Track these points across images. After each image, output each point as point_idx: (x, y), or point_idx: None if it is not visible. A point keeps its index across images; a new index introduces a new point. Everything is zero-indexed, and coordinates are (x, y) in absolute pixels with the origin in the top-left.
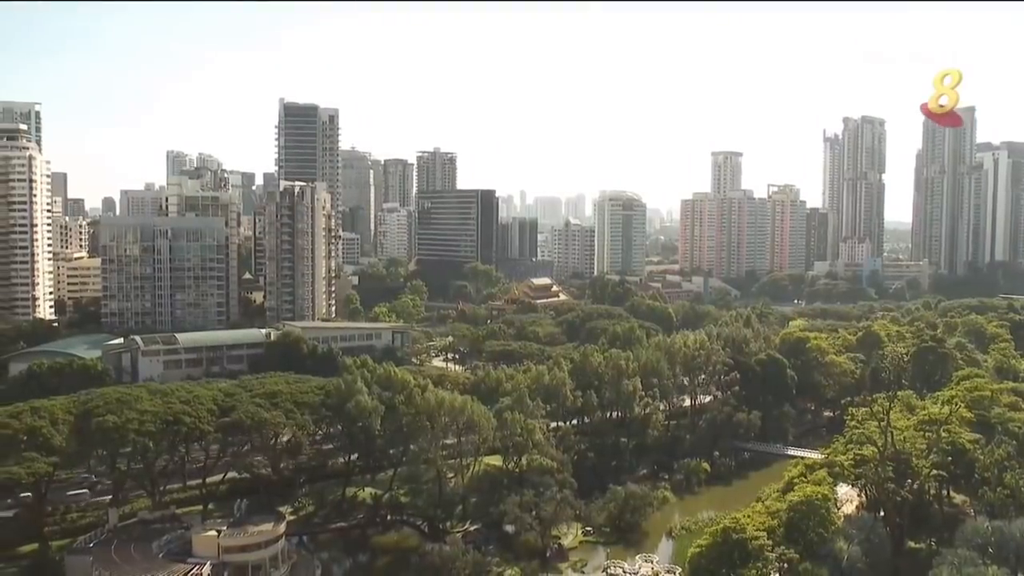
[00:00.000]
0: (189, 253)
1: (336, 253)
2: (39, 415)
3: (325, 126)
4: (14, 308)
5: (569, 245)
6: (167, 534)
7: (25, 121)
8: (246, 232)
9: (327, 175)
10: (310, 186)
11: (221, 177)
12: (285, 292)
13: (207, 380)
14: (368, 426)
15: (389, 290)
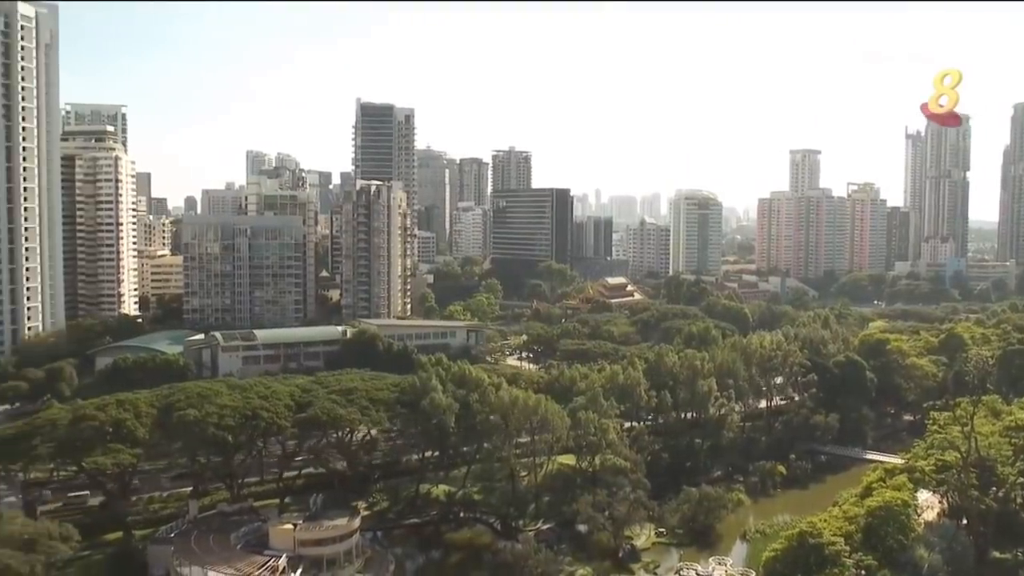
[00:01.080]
0: (268, 251)
1: (412, 252)
2: (124, 408)
3: (401, 126)
4: (100, 304)
5: (644, 244)
6: (245, 526)
7: (112, 123)
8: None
9: (403, 174)
10: (386, 185)
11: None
12: (361, 290)
13: (284, 376)
14: (442, 423)
15: (464, 288)
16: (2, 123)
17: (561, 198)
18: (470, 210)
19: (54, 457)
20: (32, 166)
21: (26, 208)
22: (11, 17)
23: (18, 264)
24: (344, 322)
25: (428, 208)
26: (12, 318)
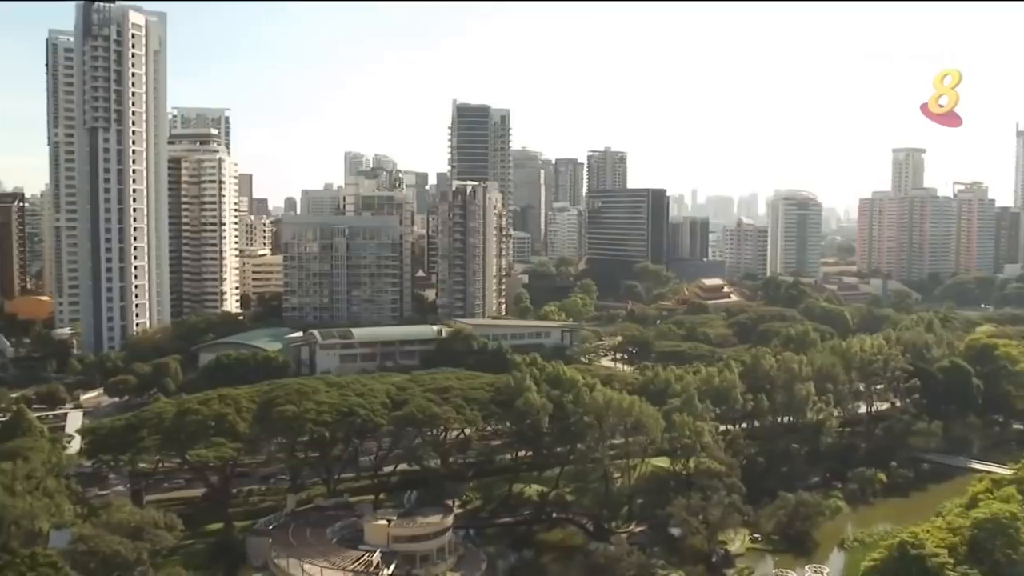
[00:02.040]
0: (365, 251)
1: (507, 252)
2: (226, 403)
3: (497, 126)
4: (204, 302)
5: (741, 245)
6: (340, 521)
7: (216, 126)
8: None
9: (499, 175)
10: (482, 186)
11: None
12: (457, 290)
13: (381, 374)
14: (536, 423)
15: (559, 289)
16: (114, 128)
17: (657, 198)
18: (565, 210)
19: (160, 449)
20: (141, 169)
21: (135, 209)
22: (122, 26)
23: (127, 263)
24: (440, 321)
25: (523, 208)
26: (122, 315)
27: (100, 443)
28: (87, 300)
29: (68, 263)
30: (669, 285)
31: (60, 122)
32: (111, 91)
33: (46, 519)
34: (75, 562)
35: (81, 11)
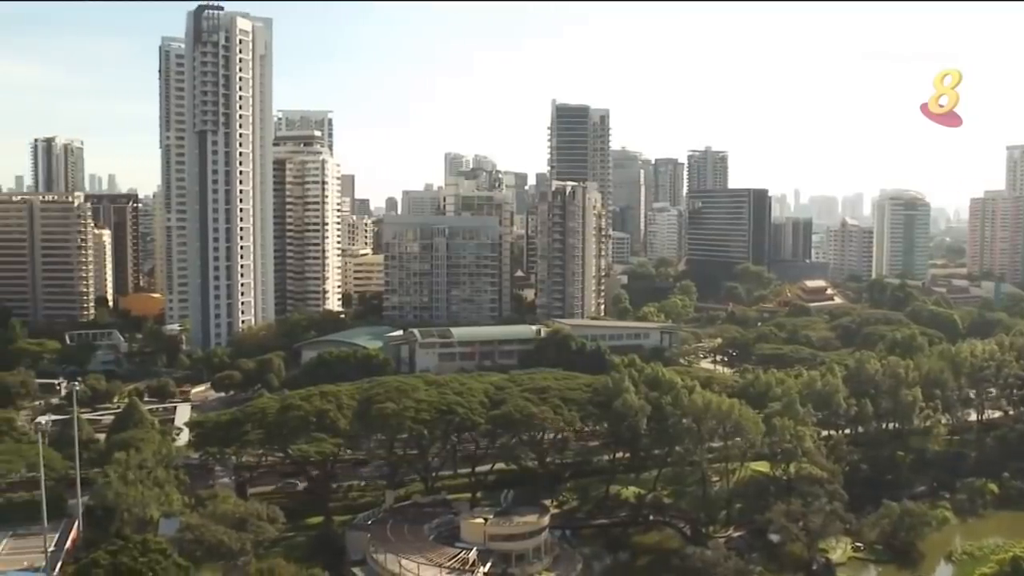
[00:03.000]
0: (465, 251)
1: (606, 252)
2: (327, 399)
3: (596, 126)
4: (307, 300)
5: (845, 246)
6: (438, 518)
7: (319, 128)
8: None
9: (598, 175)
10: (581, 186)
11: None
12: (555, 290)
13: (479, 373)
14: (634, 425)
15: (658, 290)
16: (222, 130)
17: (759, 198)
18: (665, 211)
19: (263, 443)
20: (247, 170)
21: (242, 209)
22: (231, 32)
23: (234, 262)
24: (538, 321)
25: (623, 209)
26: (228, 312)
27: (206, 436)
28: (196, 297)
29: (178, 262)
30: (770, 287)
31: (171, 125)
32: (219, 95)
33: (156, 507)
34: (182, 549)
35: (192, 18)
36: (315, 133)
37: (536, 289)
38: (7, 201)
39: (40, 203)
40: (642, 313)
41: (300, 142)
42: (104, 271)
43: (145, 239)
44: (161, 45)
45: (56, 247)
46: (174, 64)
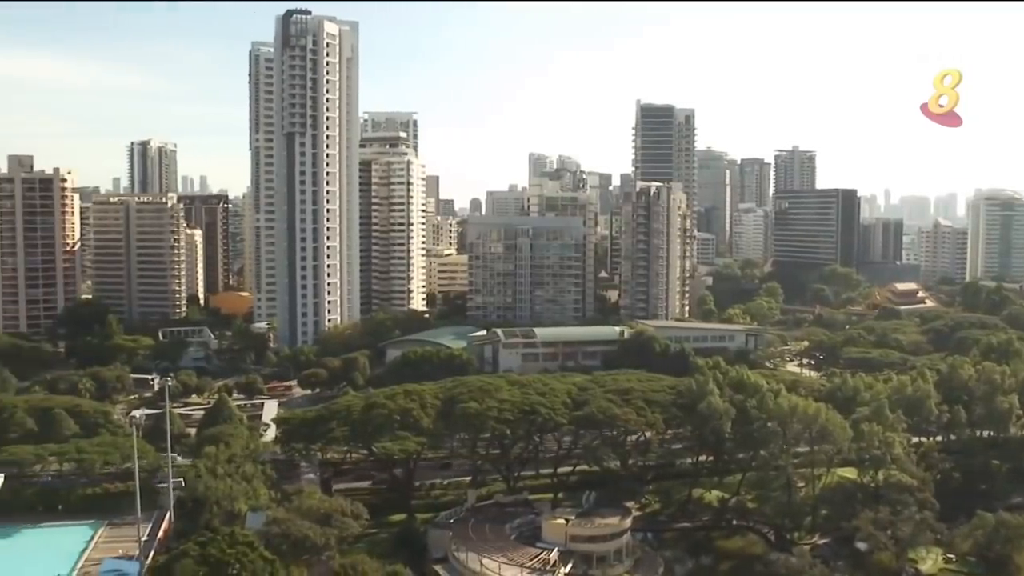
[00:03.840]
0: (548, 251)
1: (691, 253)
2: (411, 398)
3: (681, 126)
4: (392, 299)
5: (938, 248)
6: (519, 518)
7: (404, 129)
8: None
9: (683, 175)
10: (666, 186)
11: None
12: (639, 291)
13: (562, 373)
14: (718, 428)
15: (743, 291)
16: (309, 132)
17: (847, 199)
18: (751, 211)
19: (348, 440)
20: (334, 171)
21: (328, 210)
22: (318, 36)
23: (321, 262)
24: (622, 322)
25: (708, 209)
26: (315, 311)
27: (293, 432)
28: (283, 296)
29: (266, 261)
30: (859, 289)
31: (261, 128)
32: (307, 98)
33: (244, 501)
34: (268, 543)
35: (280, 23)
36: (400, 134)
37: (620, 290)
38: (105, 202)
39: (136, 204)
40: (727, 315)
41: (386, 143)
42: (195, 270)
43: (235, 239)
44: (251, 50)
45: (150, 246)
46: (263, 68)
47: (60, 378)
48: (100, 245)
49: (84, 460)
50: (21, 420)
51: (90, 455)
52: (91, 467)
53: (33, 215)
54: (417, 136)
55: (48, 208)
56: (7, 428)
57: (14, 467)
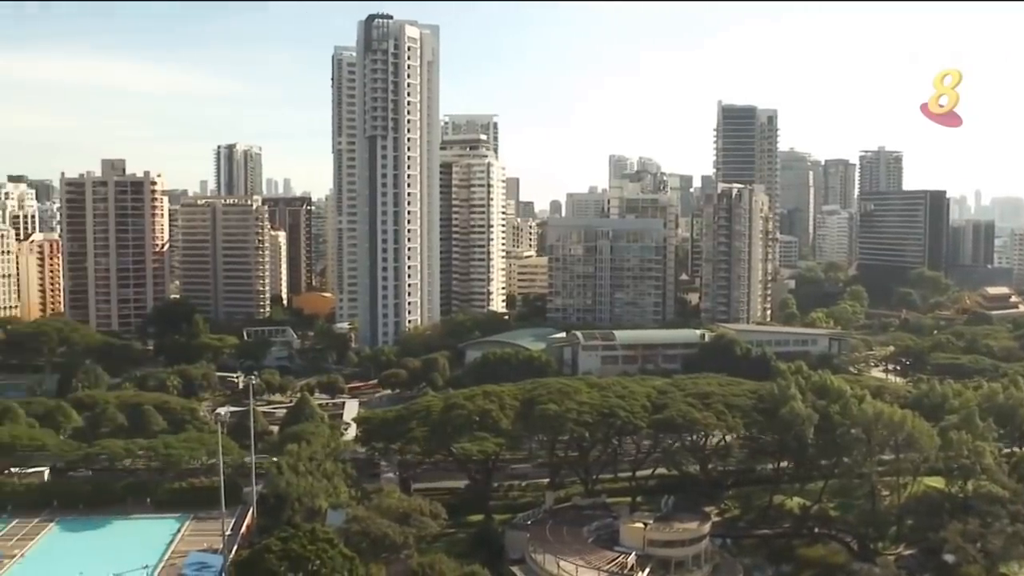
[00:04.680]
0: (628, 253)
1: (773, 256)
2: (490, 399)
3: (763, 127)
4: (472, 301)
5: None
6: (597, 521)
7: (484, 132)
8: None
9: (765, 177)
10: (748, 188)
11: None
12: (720, 294)
13: (641, 376)
14: (800, 434)
15: (827, 295)
16: (391, 135)
17: (935, 200)
18: (835, 213)
19: (427, 440)
20: (415, 174)
21: (409, 212)
22: (399, 40)
23: (402, 263)
24: (702, 325)
25: (790, 211)
26: (395, 312)
27: (373, 432)
28: (365, 297)
29: (348, 262)
30: (948, 293)
31: (343, 131)
32: (389, 101)
33: (324, 498)
34: (348, 540)
35: (362, 28)
36: (481, 137)
37: (701, 293)
38: (193, 204)
39: (222, 206)
40: (810, 319)
41: (466, 146)
42: (279, 271)
43: (317, 240)
44: (333, 54)
45: (236, 248)
46: (346, 72)
47: (149, 375)
48: (188, 246)
49: (171, 455)
50: (113, 415)
51: (177, 451)
52: (178, 462)
53: (125, 217)
54: (497, 138)
55: (139, 210)
56: (100, 423)
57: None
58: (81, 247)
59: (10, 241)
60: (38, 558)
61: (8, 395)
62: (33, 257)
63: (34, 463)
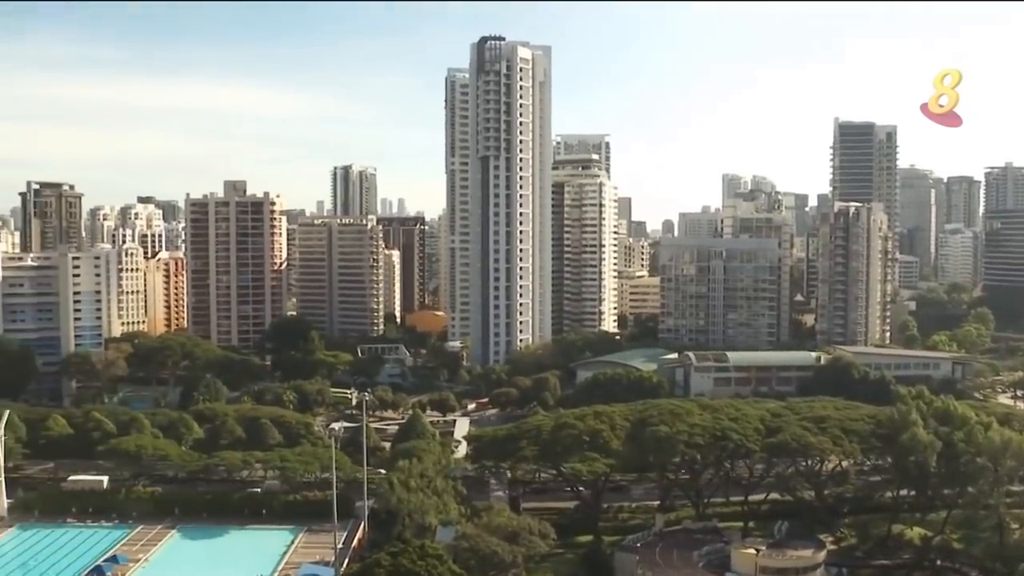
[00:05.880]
0: (742, 274)
1: (892, 276)
2: (601, 419)
3: (882, 144)
4: (583, 320)
5: None
6: (708, 545)
7: (596, 151)
8: (798, 254)
9: (884, 195)
10: (866, 207)
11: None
12: (837, 315)
13: (755, 399)
14: (922, 462)
15: (949, 317)
16: (503, 156)
17: None
18: (958, 232)
19: (537, 459)
20: (527, 194)
21: (521, 232)
22: (512, 61)
23: (513, 282)
24: (818, 348)
25: (911, 231)
26: (507, 331)
27: (483, 450)
28: (476, 316)
29: (460, 281)
30: None
31: (456, 151)
32: (501, 122)
33: (434, 515)
34: (457, 557)
35: (475, 50)
36: (592, 156)
37: (816, 314)
38: (310, 224)
39: (338, 225)
40: (931, 342)
41: (578, 165)
42: (393, 289)
43: (431, 259)
44: (447, 76)
45: (351, 266)
46: (459, 93)
47: (266, 389)
48: (305, 264)
49: (286, 468)
50: (232, 428)
51: (292, 464)
52: (293, 475)
53: (245, 236)
54: (609, 158)
55: (258, 230)
56: (219, 435)
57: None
58: (204, 265)
59: (138, 259)
60: (161, 563)
61: (135, 406)
62: (159, 274)
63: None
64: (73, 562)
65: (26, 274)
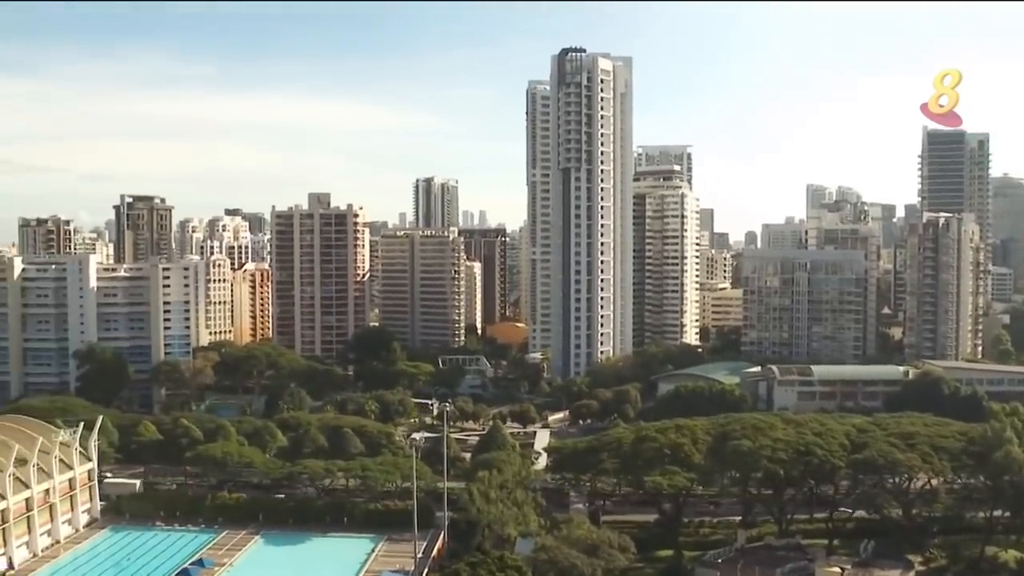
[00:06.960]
0: (827, 286)
1: (984, 289)
2: (682, 433)
3: (973, 152)
4: (664, 333)
5: None
6: (791, 563)
7: (678, 162)
8: (885, 266)
9: (975, 205)
10: (956, 217)
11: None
12: (926, 329)
13: (840, 414)
14: (1017, 481)
15: None
16: (584, 167)
17: None
18: None
19: (617, 472)
20: (608, 205)
21: (602, 243)
22: (592, 72)
23: (595, 294)
24: (906, 362)
25: (1004, 241)
26: (588, 343)
27: (563, 462)
28: (557, 327)
29: (541, 293)
30: None
31: (537, 163)
32: (582, 133)
33: (514, 526)
34: (536, 569)
35: (556, 62)
36: (674, 168)
37: (904, 327)
38: (392, 235)
39: (420, 237)
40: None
41: (660, 176)
42: (474, 300)
43: (511, 271)
44: (528, 88)
45: (433, 278)
46: (539, 105)
47: (349, 399)
48: (387, 276)
49: (368, 477)
50: (315, 437)
51: (373, 473)
52: (374, 484)
53: (329, 248)
54: (691, 169)
55: (342, 241)
56: (303, 443)
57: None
58: (288, 276)
59: (225, 270)
60: (245, 568)
61: (221, 414)
62: (245, 285)
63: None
64: (162, 564)
65: (119, 284)
